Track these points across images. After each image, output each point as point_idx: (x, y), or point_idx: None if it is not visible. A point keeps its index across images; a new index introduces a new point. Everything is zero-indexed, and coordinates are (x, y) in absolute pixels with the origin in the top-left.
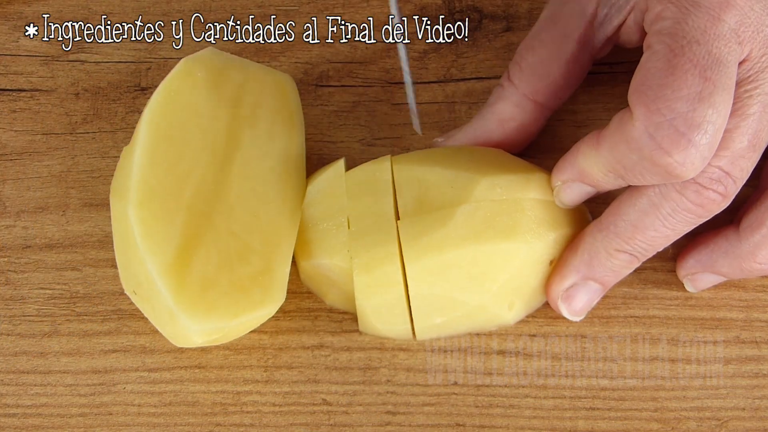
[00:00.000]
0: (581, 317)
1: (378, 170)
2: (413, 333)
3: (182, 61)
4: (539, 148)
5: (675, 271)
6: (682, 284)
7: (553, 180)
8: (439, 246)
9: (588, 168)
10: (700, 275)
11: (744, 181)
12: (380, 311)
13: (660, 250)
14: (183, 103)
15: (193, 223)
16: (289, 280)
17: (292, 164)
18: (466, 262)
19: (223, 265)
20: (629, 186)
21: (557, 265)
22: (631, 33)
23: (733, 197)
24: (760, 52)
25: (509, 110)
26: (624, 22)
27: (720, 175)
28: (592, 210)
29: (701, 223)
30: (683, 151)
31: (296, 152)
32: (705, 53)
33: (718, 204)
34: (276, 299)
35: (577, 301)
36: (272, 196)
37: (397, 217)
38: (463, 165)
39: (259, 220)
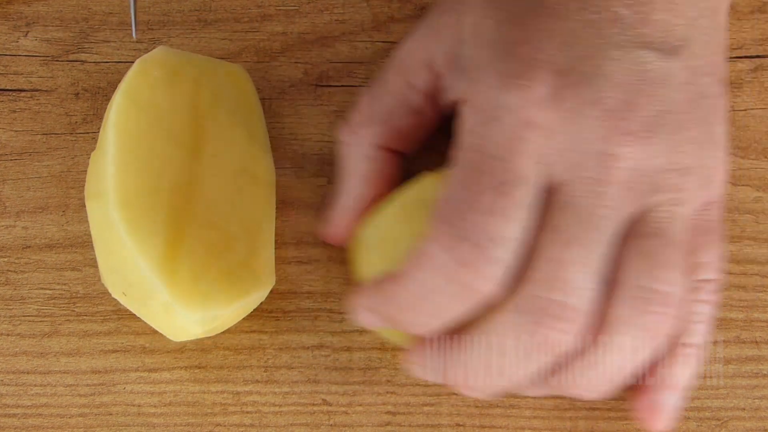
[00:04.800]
0: None
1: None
2: None
3: (137, 61)
4: None
5: None
6: None
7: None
8: None
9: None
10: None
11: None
12: None
13: None
14: (144, 103)
15: (175, 218)
16: (288, 280)
17: (258, 147)
18: None
19: (210, 256)
20: None
21: None
22: None
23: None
24: (564, 176)
25: (365, 166)
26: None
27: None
28: None
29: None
30: (483, 265)
31: (260, 134)
32: (503, 170)
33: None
34: (266, 282)
35: None
36: (243, 182)
37: None
38: None
39: (235, 208)
